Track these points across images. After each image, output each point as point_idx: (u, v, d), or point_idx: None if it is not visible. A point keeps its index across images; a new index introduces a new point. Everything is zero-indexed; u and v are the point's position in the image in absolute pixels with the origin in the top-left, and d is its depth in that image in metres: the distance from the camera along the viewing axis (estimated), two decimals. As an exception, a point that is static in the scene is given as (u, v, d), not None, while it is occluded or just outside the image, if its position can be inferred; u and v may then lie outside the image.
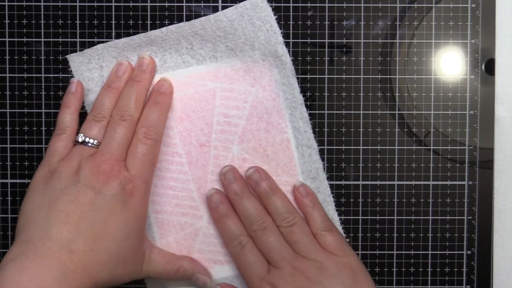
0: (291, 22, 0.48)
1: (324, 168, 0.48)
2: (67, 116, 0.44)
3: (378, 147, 0.48)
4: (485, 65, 0.48)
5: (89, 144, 0.43)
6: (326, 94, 0.48)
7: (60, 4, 0.48)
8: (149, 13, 0.48)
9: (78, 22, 0.48)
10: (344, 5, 0.48)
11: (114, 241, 0.40)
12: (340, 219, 0.48)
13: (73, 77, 0.47)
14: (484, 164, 0.48)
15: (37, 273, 0.37)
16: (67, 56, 0.47)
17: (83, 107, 0.47)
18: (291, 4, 0.48)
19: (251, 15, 0.45)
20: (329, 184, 0.48)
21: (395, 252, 0.48)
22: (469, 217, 0.48)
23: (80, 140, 0.43)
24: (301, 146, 0.47)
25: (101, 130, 0.43)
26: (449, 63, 0.48)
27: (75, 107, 0.45)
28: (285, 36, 0.47)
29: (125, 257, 0.41)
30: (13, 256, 0.38)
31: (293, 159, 0.47)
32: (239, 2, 0.47)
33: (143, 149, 0.43)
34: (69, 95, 0.45)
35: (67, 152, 0.43)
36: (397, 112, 0.48)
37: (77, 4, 0.48)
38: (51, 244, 0.39)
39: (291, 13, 0.48)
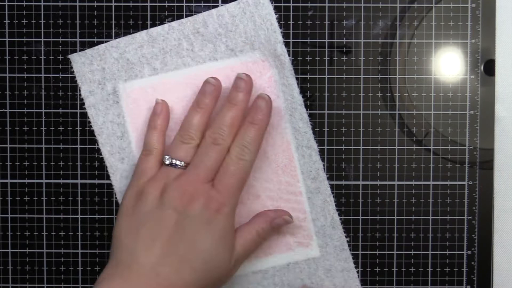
0: (291, 22, 0.48)
1: (324, 168, 0.48)
2: (154, 137, 0.45)
3: (378, 147, 0.48)
4: (485, 65, 0.48)
5: (177, 166, 0.43)
6: (326, 94, 0.48)
7: (60, 4, 0.48)
8: (149, 13, 0.48)
9: (78, 22, 0.48)
10: (344, 5, 0.48)
11: (202, 260, 0.40)
12: (340, 219, 0.48)
13: (75, 77, 0.47)
14: (484, 164, 0.48)
15: None
16: (69, 56, 0.47)
17: (85, 111, 0.47)
18: (291, 4, 0.48)
19: (252, 12, 0.46)
20: (329, 184, 0.48)
21: (395, 252, 0.48)
22: (469, 217, 0.48)
23: (167, 162, 0.43)
24: (301, 147, 0.47)
25: (188, 151, 0.43)
26: (449, 63, 0.48)
27: (161, 127, 0.45)
28: (285, 36, 0.47)
29: (215, 272, 0.41)
30: (105, 276, 0.40)
31: (293, 160, 0.47)
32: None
33: (234, 169, 0.42)
34: (155, 117, 0.46)
35: (154, 173, 0.43)
36: (397, 112, 0.48)
37: (77, 4, 0.48)
38: (138, 268, 0.39)
39: (291, 13, 0.48)
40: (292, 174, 0.47)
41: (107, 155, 0.47)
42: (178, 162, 0.43)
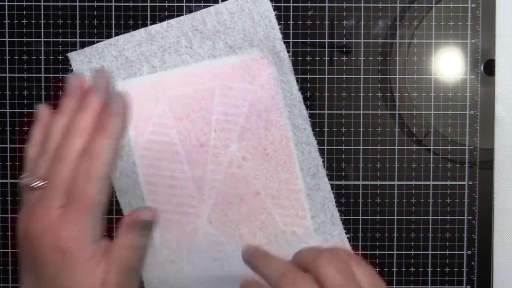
0: (291, 22, 0.48)
1: (324, 166, 0.48)
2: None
3: (378, 147, 0.48)
4: (484, 65, 0.48)
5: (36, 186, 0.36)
6: (326, 94, 0.48)
7: (60, 4, 0.48)
8: (149, 13, 0.48)
9: (78, 22, 0.48)
10: (344, 5, 0.48)
11: None
12: (340, 219, 0.48)
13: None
14: (484, 164, 0.48)
15: None
16: (68, 55, 0.47)
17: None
18: (291, 4, 0.47)
19: (251, 9, 0.46)
20: (329, 184, 0.48)
21: (395, 252, 0.48)
22: (469, 217, 0.48)
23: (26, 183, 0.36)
24: (300, 144, 0.47)
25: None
26: (449, 63, 0.48)
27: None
28: (285, 36, 0.47)
29: None
30: None
31: (292, 157, 0.47)
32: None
33: (82, 187, 0.35)
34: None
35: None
36: (397, 112, 0.48)
37: (77, 4, 0.48)
38: None
39: (291, 13, 0.48)
40: (291, 171, 0.47)
41: None
42: (37, 182, 0.35)
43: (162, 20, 0.47)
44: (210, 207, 0.47)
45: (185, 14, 0.47)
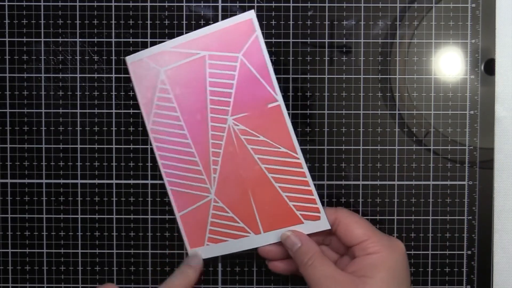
0: (291, 22, 0.48)
1: (324, 169, 0.48)
2: None
3: (378, 147, 0.48)
4: (485, 65, 0.48)
5: None
6: (326, 94, 0.48)
7: (60, 4, 0.48)
8: (149, 13, 0.48)
9: (78, 22, 0.48)
10: (344, 5, 0.48)
11: None
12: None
13: (75, 77, 0.47)
14: (484, 164, 0.48)
15: None
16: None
17: (85, 111, 0.47)
18: (291, 4, 0.48)
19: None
20: (329, 184, 0.48)
21: (395, 252, 0.48)
22: (469, 217, 0.48)
23: None
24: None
25: None
26: (449, 63, 0.48)
27: None
28: (285, 36, 0.47)
29: None
30: None
31: (286, 126, 0.46)
32: (238, 2, 0.47)
33: None
34: None
35: None
36: (397, 112, 0.48)
37: (77, 4, 0.48)
38: None
39: (291, 13, 0.48)
40: (287, 139, 0.47)
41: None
42: None
43: (162, 20, 0.47)
44: (216, 183, 0.48)
45: (185, 14, 0.47)
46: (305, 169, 0.46)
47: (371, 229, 0.43)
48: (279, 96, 0.46)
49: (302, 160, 0.46)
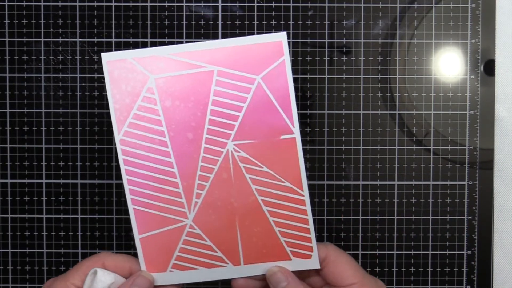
0: (291, 22, 0.48)
1: (324, 169, 0.48)
2: None
3: (378, 147, 0.48)
4: (485, 65, 0.48)
5: None
6: (326, 94, 0.48)
7: (60, 4, 0.48)
8: (149, 13, 0.48)
9: (78, 22, 0.48)
10: (344, 5, 0.48)
11: None
12: (340, 219, 0.48)
13: (75, 77, 0.47)
14: (484, 164, 0.48)
15: None
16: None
17: (85, 111, 0.47)
18: (291, 4, 0.48)
19: None
20: (329, 184, 0.48)
21: (395, 252, 0.48)
22: (469, 217, 0.48)
23: None
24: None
25: None
26: (449, 63, 0.48)
27: None
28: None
29: None
30: None
31: (297, 160, 0.43)
32: (238, 2, 0.47)
33: None
34: None
35: None
36: (397, 112, 0.48)
37: (77, 4, 0.48)
38: None
39: (291, 13, 0.48)
40: (296, 175, 0.43)
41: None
42: None
43: (162, 20, 0.47)
44: (197, 209, 0.44)
45: (185, 14, 0.47)
46: (307, 208, 0.43)
47: (359, 269, 0.42)
48: (296, 129, 0.42)
49: (306, 198, 0.43)
